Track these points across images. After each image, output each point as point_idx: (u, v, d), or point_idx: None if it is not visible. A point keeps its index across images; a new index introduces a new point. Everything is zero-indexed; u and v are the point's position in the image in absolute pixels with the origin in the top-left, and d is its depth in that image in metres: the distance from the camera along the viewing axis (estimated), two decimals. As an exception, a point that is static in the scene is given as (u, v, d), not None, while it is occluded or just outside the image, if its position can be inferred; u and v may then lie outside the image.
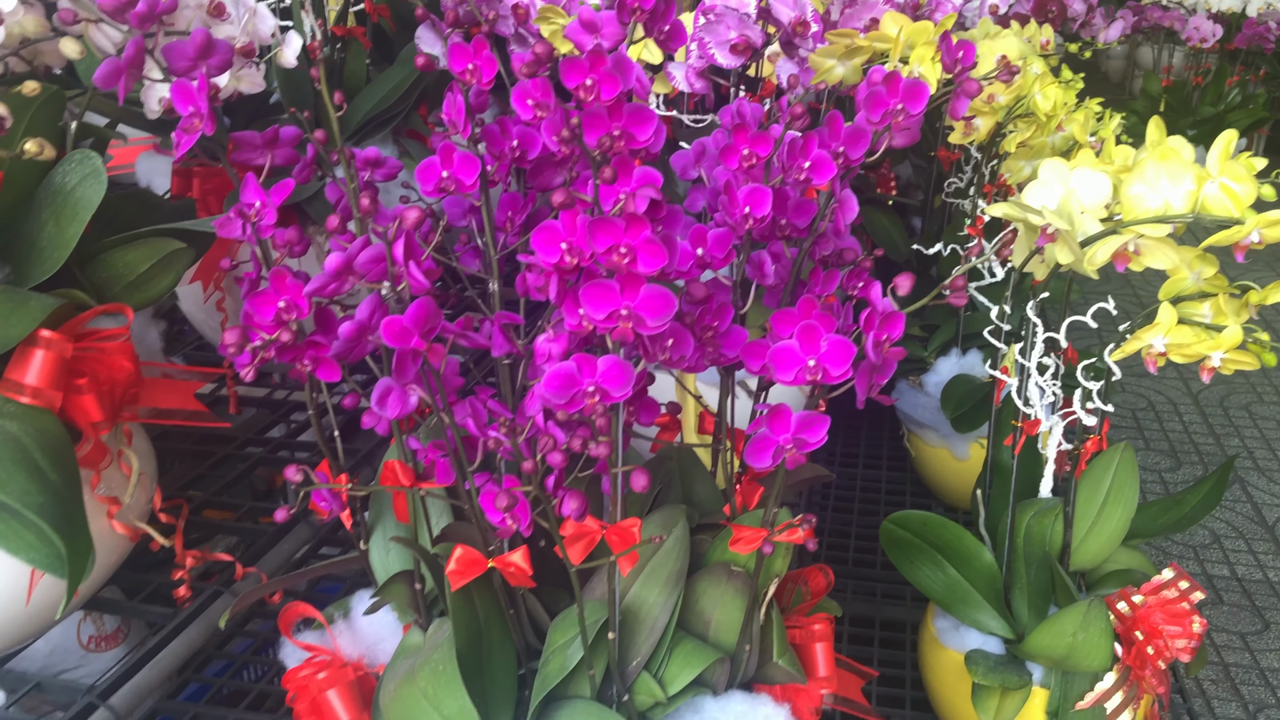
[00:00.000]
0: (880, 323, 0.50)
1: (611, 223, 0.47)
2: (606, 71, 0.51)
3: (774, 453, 0.53)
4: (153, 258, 0.69)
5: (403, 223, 0.50)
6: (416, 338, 0.50)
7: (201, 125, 0.54)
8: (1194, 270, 0.89)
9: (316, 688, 0.62)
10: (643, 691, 0.62)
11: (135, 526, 0.70)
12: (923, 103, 0.57)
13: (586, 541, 0.56)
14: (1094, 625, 0.86)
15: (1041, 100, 1.31)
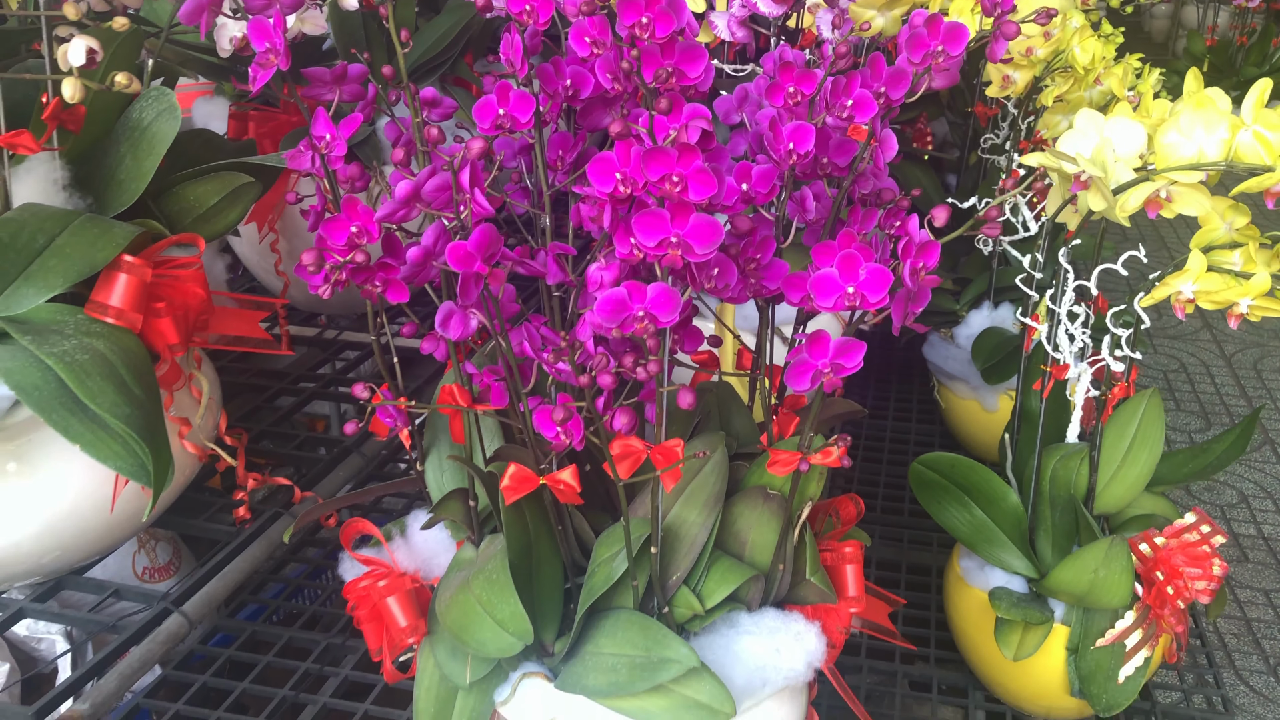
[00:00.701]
0: (917, 251, 0.53)
1: (665, 152, 0.50)
2: (661, 10, 0.54)
3: (812, 376, 0.56)
4: (222, 191, 0.73)
5: (468, 152, 0.53)
6: (479, 262, 0.53)
7: (277, 60, 0.57)
8: (1226, 220, 0.91)
9: (377, 595, 0.66)
10: (681, 604, 0.66)
11: (204, 446, 0.75)
12: (963, 44, 0.59)
13: (633, 459, 0.60)
14: (1115, 562, 0.88)
15: (1080, 54, 1.31)
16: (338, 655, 0.94)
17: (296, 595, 1.05)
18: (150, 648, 0.69)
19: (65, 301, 0.64)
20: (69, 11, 0.56)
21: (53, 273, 0.61)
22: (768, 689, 0.67)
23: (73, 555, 0.72)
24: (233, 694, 0.89)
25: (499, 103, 0.64)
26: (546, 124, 0.67)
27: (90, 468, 0.67)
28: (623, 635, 0.64)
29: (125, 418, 0.60)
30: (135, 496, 0.71)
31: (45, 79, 0.61)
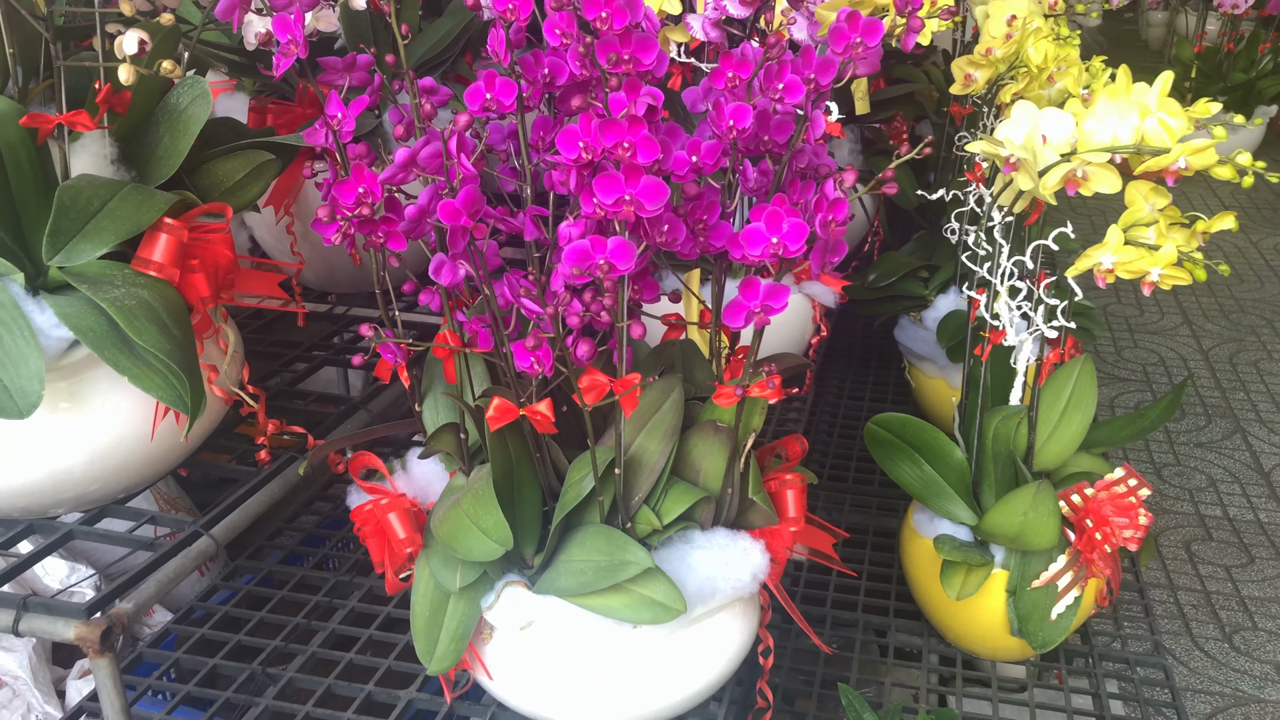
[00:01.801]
0: (828, 206, 0.63)
1: (617, 123, 0.61)
2: (619, 6, 0.64)
3: (745, 315, 0.66)
4: (247, 167, 0.84)
5: (456, 124, 0.64)
6: (465, 217, 0.64)
7: (297, 50, 0.68)
8: (1149, 201, 1.01)
9: (380, 512, 0.77)
10: (643, 521, 0.76)
11: (230, 391, 0.85)
12: (878, 36, 0.69)
13: (598, 390, 0.70)
14: (1042, 506, 0.99)
15: (1034, 54, 1.42)
16: (345, 590, 1.04)
17: (308, 542, 1.16)
18: (183, 562, 0.79)
19: (115, 258, 0.75)
20: (125, 8, 0.67)
21: (105, 231, 0.72)
22: (718, 597, 0.77)
23: (116, 484, 0.83)
24: (251, 621, 0.99)
25: (486, 88, 0.74)
26: (530, 108, 0.78)
27: (133, 403, 0.78)
28: (590, 544, 0.74)
29: (167, 353, 0.71)
30: (172, 433, 0.81)
31: (100, 66, 0.72)
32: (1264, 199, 3.95)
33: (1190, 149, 0.88)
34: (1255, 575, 1.88)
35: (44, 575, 1.16)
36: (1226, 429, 2.41)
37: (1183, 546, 1.98)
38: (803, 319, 1.36)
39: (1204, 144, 0.88)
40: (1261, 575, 1.88)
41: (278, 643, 0.96)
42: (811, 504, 1.54)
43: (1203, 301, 3.11)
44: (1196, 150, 0.88)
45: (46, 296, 0.73)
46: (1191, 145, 0.88)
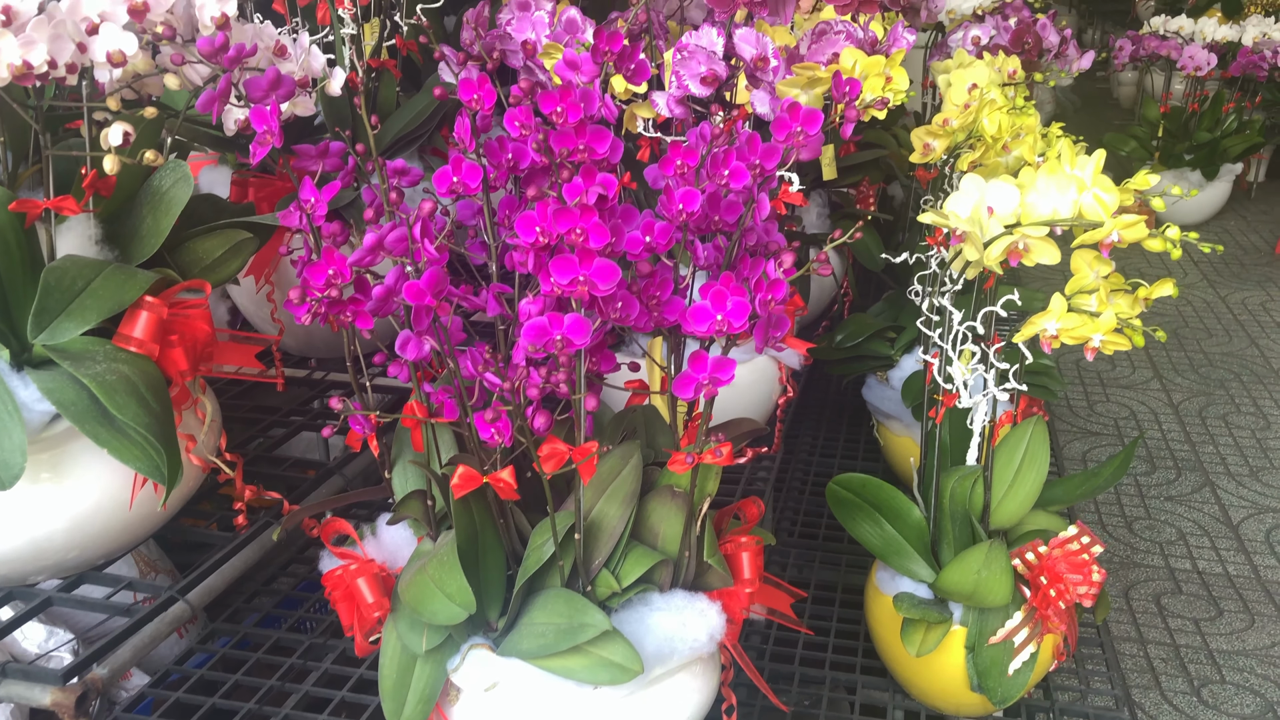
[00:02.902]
0: (767, 286, 0.67)
1: (570, 211, 0.65)
2: (573, 101, 0.69)
3: (694, 387, 0.70)
4: (225, 245, 0.88)
5: (420, 210, 0.68)
6: (429, 297, 0.68)
7: (273, 140, 0.72)
8: (1093, 269, 1.06)
9: (349, 577, 0.79)
10: (603, 584, 0.79)
11: (207, 459, 0.88)
12: (818, 125, 0.74)
13: (557, 458, 0.73)
14: (995, 564, 1.02)
15: (988, 125, 1.48)
16: (320, 652, 1.06)
17: (284, 604, 1.18)
18: (159, 627, 0.82)
19: (97, 334, 0.78)
20: (111, 104, 0.71)
21: (88, 310, 0.76)
22: (676, 657, 0.80)
23: (95, 551, 0.85)
24: (227, 684, 1.01)
25: (453, 172, 0.79)
26: (497, 188, 0.83)
27: (112, 473, 0.81)
28: (551, 607, 0.77)
29: (145, 426, 0.74)
30: (151, 501, 0.84)
31: (86, 155, 0.76)
32: (1231, 255, 4.04)
33: (1122, 224, 0.93)
34: (1224, 628, 1.91)
35: (22, 640, 1.18)
36: (1196, 482, 2.45)
37: (1153, 600, 2.01)
38: (769, 380, 1.40)
39: (1134, 219, 0.94)
40: (1230, 628, 1.91)
41: (252, 705, 0.98)
42: (783, 561, 1.57)
43: (1173, 356, 3.17)
44: (1128, 225, 0.93)
45: (30, 372, 0.77)
46: (1123, 220, 0.93)
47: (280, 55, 0.85)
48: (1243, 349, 3.19)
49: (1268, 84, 4.42)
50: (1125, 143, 4.37)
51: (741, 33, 1.16)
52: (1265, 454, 2.56)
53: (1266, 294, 3.63)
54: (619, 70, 0.85)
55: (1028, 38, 2.32)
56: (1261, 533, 2.23)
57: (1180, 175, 4.17)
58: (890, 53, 1.37)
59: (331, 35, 1.29)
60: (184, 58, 0.73)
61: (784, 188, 1.37)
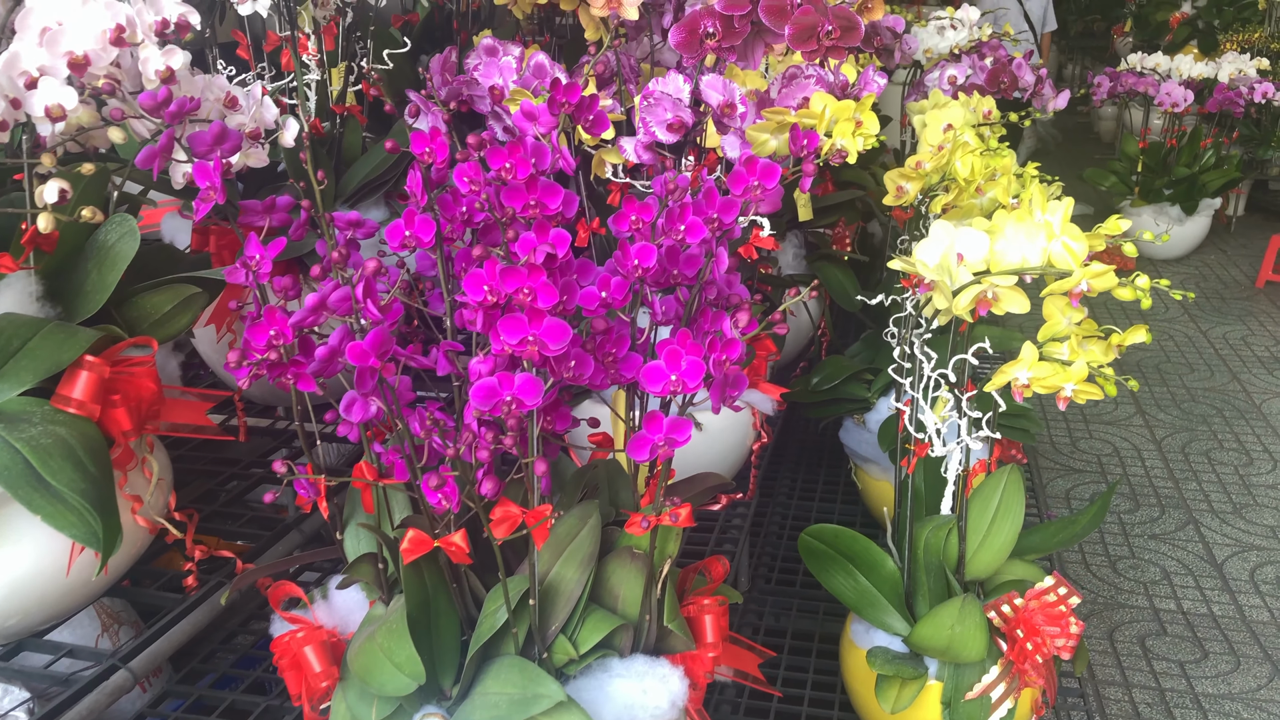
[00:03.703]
0: (721, 346, 0.65)
1: (517, 270, 0.63)
2: (522, 157, 0.67)
3: (650, 449, 0.68)
4: (174, 300, 0.85)
5: (364, 270, 0.66)
6: (373, 358, 0.66)
7: (216, 196, 0.70)
8: (1066, 315, 1.04)
9: (296, 645, 0.76)
10: (559, 651, 0.77)
11: (154, 521, 0.86)
12: (775, 179, 0.73)
13: (510, 523, 0.71)
14: (969, 619, 0.99)
15: (961, 168, 1.47)
16: (276, 716, 1.03)
17: (244, 664, 1.15)
18: (98, 698, 0.78)
19: (35, 393, 0.76)
20: (46, 161, 0.69)
21: (25, 371, 0.73)
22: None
23: (34, 618, 0.82)
24: (178, 750, 0.98)
25: (405, 225, 0.77)
26: (453, 241, 0.81)
27: (50, 538, 0.78)
28: (505, 676, 0.74)
29: (81, 492, 0.71)
30: (90, 566, 0.81)
31: (25, 212, 0.74)
32: (1211, 289, 4.05)
33: (1092, 273, 0.92)
34: (1209, 671, 1.89)
35: (-28, 701, 1.14)
36: (1180, 520, 2.43)
37: (1137, 642, 1.98)
38: (743, 426, 1.37)
39: (1103, 269, 0.92)
40: (1215, 671, 1.88)
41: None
42: (759, 609, 1.54)
43: (1155, 391, 3.16)
44: (1098, 275, 0.92)
45: (-35, 434, 0.74)
46: (1093, 270, 0.92)
47: (231, 107, 0.83)
48: (1225, 384, 3.19)
49: (1244, 120, 4.46)
50: (1105, 178, 4.39)
51: (708, 79, 1.14)
52: (1248, 490, 2.55)
53: (1247, 328, 3.64)
54: (577, 121, 0.83)
55: (1004, 77, 2.32)
56: (1246, 571, 2.21)
57: (1160, 210, 4.19)
58: (860, 96, 1.37)
59: (296, 81, 1.28)
60: (124, 113, 0.71)
61: (755, 232, 1.36)
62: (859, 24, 1.17)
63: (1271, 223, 4.86)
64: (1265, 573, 2.21)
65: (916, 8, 4.51)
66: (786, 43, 1.15)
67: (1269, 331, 3.63)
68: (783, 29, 1.15)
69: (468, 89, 1.33)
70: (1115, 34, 7.47)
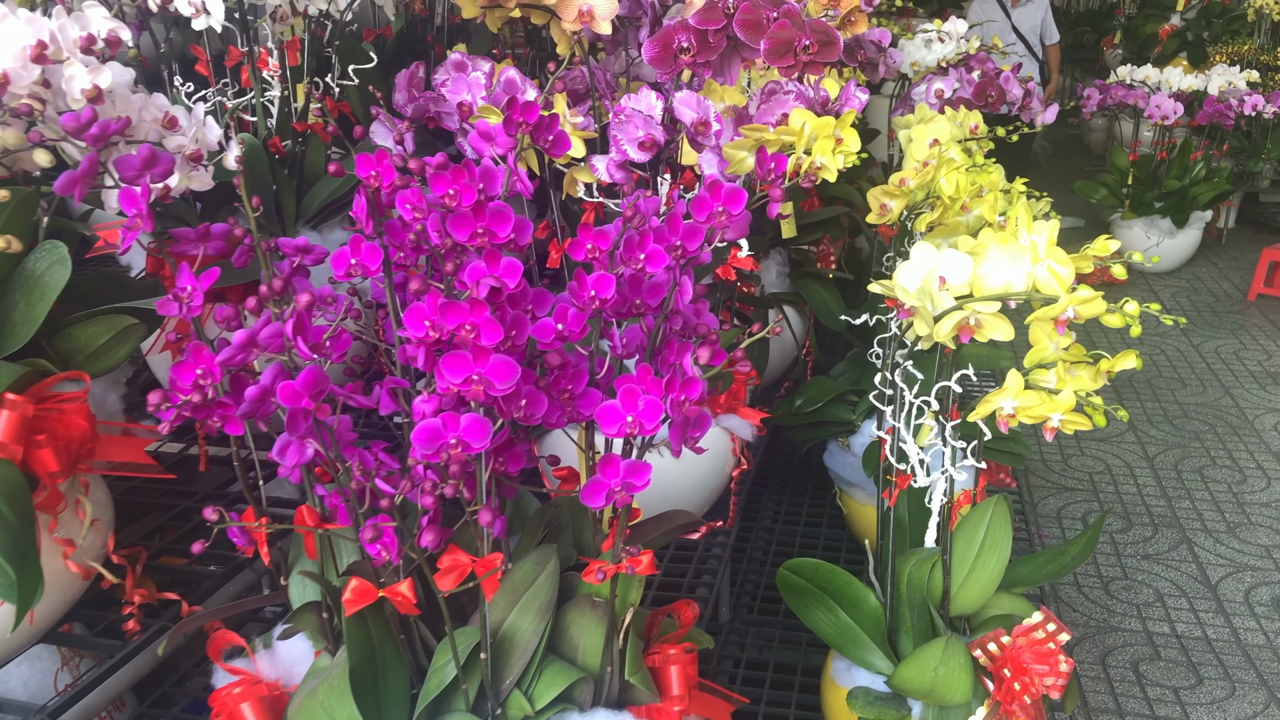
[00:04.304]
0: (680, 385, 0.61)
1: (458, 305, 0.59)
2: (465, 184, 0.63)
3: (605, 495, 0.63)
4: (110, 331, 0.81)
5: (296, 305, 0.61)
6: (306, 399, 0.61)
7: (142, 224, 0.65)
8: (1053, 341, 1.00)
9: (233, 701, 0.72)
10: (514, 707, 0.72)
11: (87, 566, 0.81)
12: (741, 204, 0.68)
13: (458, 572, 0.66)
14: (953, 660, 0.95)
15: (945, 185, 1.43)
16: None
17: (194, 708, 1.09)
18: (23, 758, 0.73)
19: (-47, 435, 0.71)
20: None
21: (-62, 411, 0.68)
22: (597, 785, 0.72)
23: (-43, 670, 0.77)
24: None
25: (352, 253, 0.72)
26: (405, 268, 0.76)
27: (-30, 587, 0.73)
28: (454, 736, 0.70)
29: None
30: (9, 618, 0.76)
31: (-59, 240, 0.69)
32: (1203, 302, 4.02)
33: (1078, 299, 0.88)
34: (1204, 697, 1.84)
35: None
36: (1173, 540, 2.39)
37: (1130, 667, 1.93)
38: (722, 452, 1.33)
39: (1091, 295, 0.88)
40: (1210, 697, 1.84)
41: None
42: (740, 640, 1.49)
43: (1147, 407, 3.12)
44: (1085, 301, 0.88)
45: (-124, 479, 0.69)
46: (1079, 297, 0.88)
47: (170, 128, 0.79)
48: (1217, 399, 3.15)
49: (1234, 132, 4.44)
50: (1096, 190, 4.37)
51: (682, 95, 1.10)
52: (1242, 509, 2.50)
53: (1239, 342, 3.60)
54: (536, 142, 0.79)
55: (991, 90, 2.29)
56: (1240, 593, 2.16)
57: (1150, 223, 4.16)
58: (841, 113, 1.33)
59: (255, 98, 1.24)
60: (43, 135, 0.67)
61: (733, 253, 1.32)
62: (837, 39, 1.12)
63: (1263, 235, 4.83)
64: (1260, 594, 2.17)
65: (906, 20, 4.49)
66: (762, 58, 1.11)
67: (1261, 345, 3.59)
68: (758, 44, 1.11)
69: (435, 105, 1.29)
70: (1105, 46, 7.47)
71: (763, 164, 0.77)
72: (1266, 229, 4.98)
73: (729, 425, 1.32)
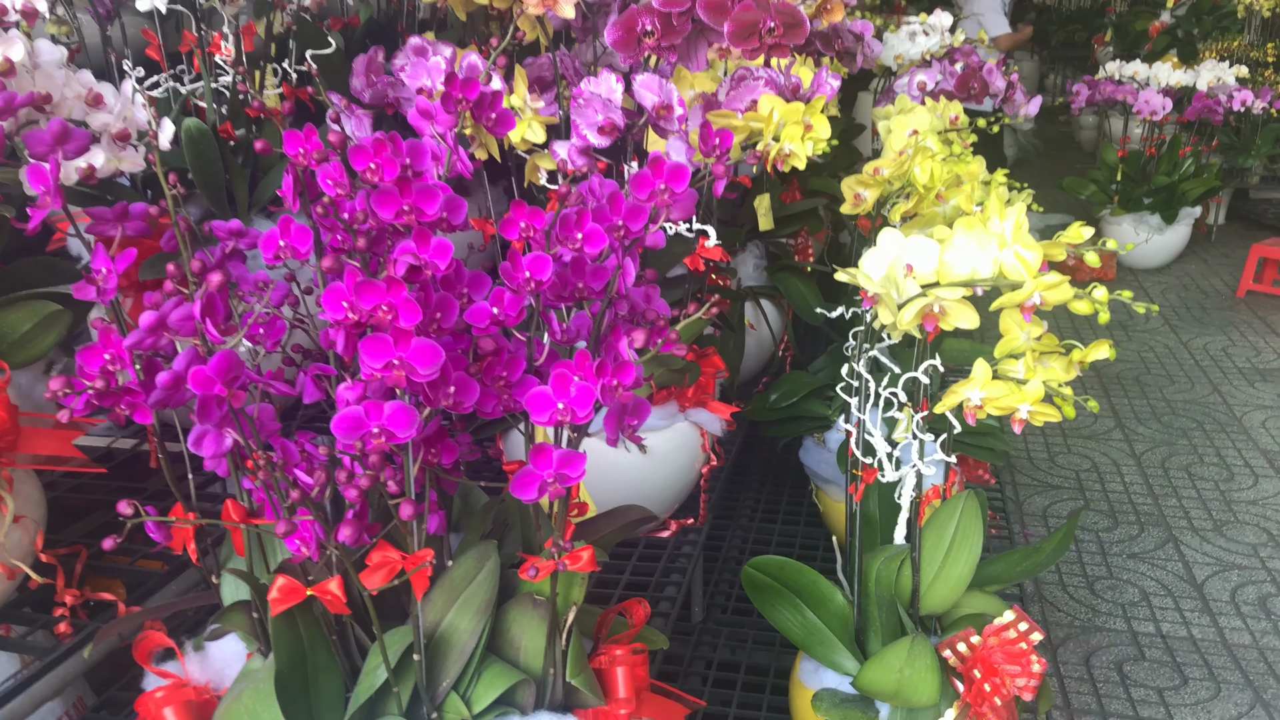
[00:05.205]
0: (613, 370, 0.58)
1: (375, 285, 0.55)
2: (388, 156, 0.60)
3: (538, 486, 0.60)
4: (33, 319, 0.77)
5: (207, 286, 0.58)
6: (219, 385, 0.58)
7: (51, 202, 0.62)
8: (1024, 330, 0.97)
9: (156, 706, 0.68)
10: (451, 711, 0.68)
11: (10, 565, 0.77)
12: (684, 181, 0.65)
13: (387, 570, 0.63)
14: (919, 661, 0.91)
15: (919, 173, 1.40)
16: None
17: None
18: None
19: None
20: None
21: None
22: (539, 792, 0.69)
23: None
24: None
25: (281, 235, 0.69)
26: (343, 251, 0.73)
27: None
28: (385, 741, 0.66)
29: (-102, 537, 0.63)
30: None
31: None
32: (1192, 299, 4.00)
33: (1044, 285, 0.85)
34: (1189, 698, 1.81)
35: None
36: (1159, 538, 2.36)
37: (1115, 668, 1.90)
38: (690, 448, 1.30)
39: (1057, 280, 0.85)
40: (1195, 698, 1.81)
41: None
42: (713, 641, 1.46)
43: (1135, 404, 3.09)
44: (1050, 286, 0.84)
45: None
46: (1046, 281, 0.85)
47: (96, 105, 0.76)
48: (1205, 396, 3.13)
49: (1223, 128, 4.42)
50: (1085, 187, 4.34)
51: (643, 79, 1.07)
52: (1229, 507, 2.48)
53: (1228, 338, 3.58)
54: (478, 120, 0.75)
55: (974, 82, 2.26)
56: (1226, 592, 2.13)
57: (1140, 219, 4.14)
58: (811, 99, 1.30)
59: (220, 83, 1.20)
60: (-56, 109, 0.63)
61: (701, 241, 1.28)
62: (804, 20, 1.09)
63: (1253, 232, 4.81)
64: (1246, 593, 2.14)
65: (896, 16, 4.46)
66: (726, 40, 1.07)
67: (1250, 342, 3.57)
68: (722, 26, 1.08)
69: (394, 90, 1.26)
70: (1096, 44, 7.45)
71: (707, 140, 0.74)
72: (1257, 225, 4.96)
73: (698, 420, 1.29)
